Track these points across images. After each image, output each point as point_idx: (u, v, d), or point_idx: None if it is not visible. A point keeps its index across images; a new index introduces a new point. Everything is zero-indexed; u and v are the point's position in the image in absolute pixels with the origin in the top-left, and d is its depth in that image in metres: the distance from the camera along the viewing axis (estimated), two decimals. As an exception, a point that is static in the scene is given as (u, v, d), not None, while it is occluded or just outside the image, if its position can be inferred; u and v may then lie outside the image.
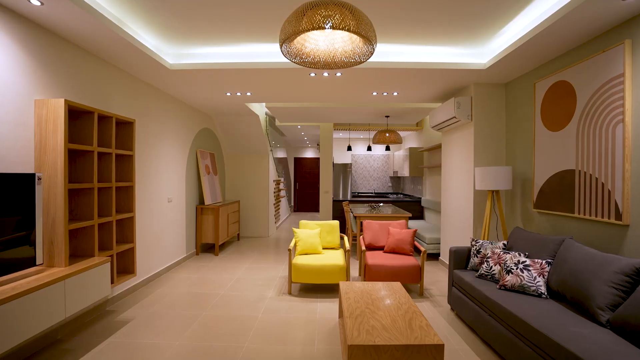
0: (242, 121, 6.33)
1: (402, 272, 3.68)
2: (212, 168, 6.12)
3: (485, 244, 3.15)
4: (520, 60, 3.25)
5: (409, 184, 8.78)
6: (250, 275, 4.46)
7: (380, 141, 6.31)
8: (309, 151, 12.22)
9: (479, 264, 3.12)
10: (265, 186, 7.22)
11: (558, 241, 2.64)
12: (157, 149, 4.28)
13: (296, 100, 5.04)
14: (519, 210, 3.73)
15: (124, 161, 3.32)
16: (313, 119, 6.86)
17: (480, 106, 4.04)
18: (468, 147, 4.18)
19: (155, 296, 3.63)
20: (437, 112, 4.65)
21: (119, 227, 3.34)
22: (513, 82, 3.84)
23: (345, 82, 4.04)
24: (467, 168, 4.19)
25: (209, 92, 4.53)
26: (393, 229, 4.20)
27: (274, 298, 3.63)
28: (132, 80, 3.72)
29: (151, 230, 4.15)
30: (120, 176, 3.32)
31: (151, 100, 4.13)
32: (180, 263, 4.97)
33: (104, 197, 3.05)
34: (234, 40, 3.28)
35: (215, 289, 3.89)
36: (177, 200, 4.88)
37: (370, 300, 2.59)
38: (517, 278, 2.56)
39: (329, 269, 3.67)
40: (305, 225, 4.39)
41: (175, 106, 4.78)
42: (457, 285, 3.14)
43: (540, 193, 3.29)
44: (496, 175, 3.50)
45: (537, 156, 3.34)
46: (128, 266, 3.36)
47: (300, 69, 3.56)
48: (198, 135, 5.65)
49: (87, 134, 2.79)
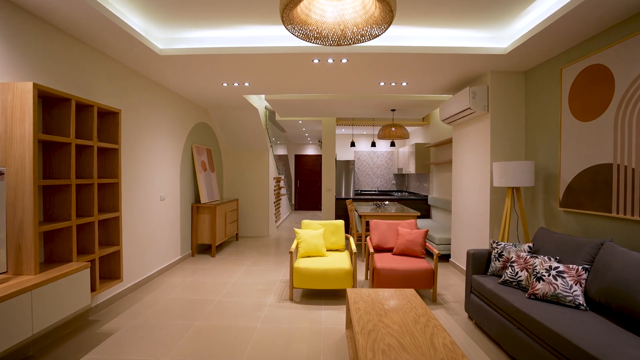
0: (241, 115, 6.02)
1: (414, 276, 3.37)
2: (209, 164, 5.81)
3: (508, 247, 2.84)
4: (546, 43, 2.93)
5: (414, 182, 8.47)
6: (248, 278, 4.16)
7: (386, 136, 5.99)
8: (311, 148, 11.91)
9: (501, 268, 2.81)
10: (265, 184, 6.92)
11: (595, 244, 2.33)
12: (148, 144, 3.97)
13: (297, 91, 4.72)
14: (540, 209, 3.42)
15: (108, 156, 3.01)
16: (315, 114, 6.54)
17: (497, 96, 3.72)
18: (483, 140, 3.87)
19: (145, 303, 3.33)
20: (449, 104, 4.34)
21: (103, 229, 3.03)
22: (534, 70, 3.52)
23: (351, 69, 3.72)
24: (483, 163, 3.88)
25: (204, 82, 4.22)
26: (402, 230, 3.89)
27: (274, 305, 3.33)
28: (117, 67, 3.41)
29: (141, 230, 3.84)
30: (104, 172, 3.01)
31: (140, 90, 3.82)
32: (174, 265, 4.67)
33: (85, 195, 2.74)
34: (230, 22, 2.96)
35: (210, 295, 3.59)
36: (170, 199, 4.57)
37: (382, 311, 2.29)
38: (550, 286, 2.25)
39: (333, 273, 3.37)
40: (307, 225, 4.08)
41: (167, 97, 4.46)
42: (477, 292, 2.84)
43: (568, 190, 2.97)
44: (517, 170, 3.19)
45: (564, 149, 3.03)
46: (113, 271, 3.06)
47: (302, 54, 3.24)
48: (194, 130, 5.34)
49: (64, 124, 2.48)
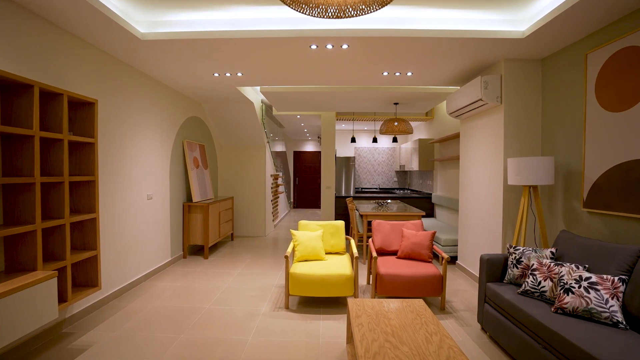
0: (235, 109, 5.71)
1: (421, 283, 3.09)
2: (202, 161, 5.51)
3: (527, 252, 2.55)
4: (570, 25, 2.62)
5: (417, 179, 8.18)
6: (242, 283, 3.88)
7: (389, 131, 5.69)
8: (309, 144, 11.60)
9: (520, 276, 2.52)
10: (261, 181, 6.62)
11: (632, 251, 2.04)
12: (133, 138, 3.67)
13: (294, 82, 4.41)
14: (559, 210, 3.13)
15: (83, 151, 2.71)
16: (313, 108, 6.23)
17: (512, 86, 3.41)
18: (496, 135, 3.57)
19: (126, 313, 3.04)
20: (457, 96, 4.03)
21: (78, 232, 2.74)
22: (553, 57, 3.22)
23: (352, 57, 3.41)
24: (495, 160, 3.58)
25: (194, 72, 3.90)
26: (407, 231, 3.60)
27: (268, 314, 3.04)
28: (95, 53, 3.10)
29: (125, 232, 3.55)
30: (79, 169, 2.72)
31: (122, 79, 3.51)
32: (164, 268, 4.38)
33: (55, 195, 2.45)
34: (219, 2, 2.65)
35: (200, 302, 3.30)
36: (159, 198, 4.28)
37: (389, 328, 2.00)
38: (581, 300, 1.96)
39: (333, 279, 3.08)
40: (305, 227, 3.79)
41: (154, 89, 4.15)
42: (493, 302, 2.55)
43: (593, 189, 2.68)
44: (536, 167, 2.89)
45: (588, 143, 2.74)
46: (90, 278, 2.77)
47: (298, 38, 2.93)
48: (185, 124, 5.03)
49: (25, 114, 2.18)
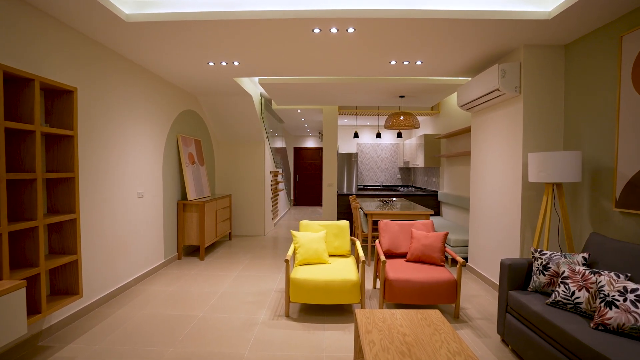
0: (233, 102, 5.43)
1: (434, 289, 2.83)
2: (198, 157, 5.24)
3: (555, 257, 2.28)
4: (603, 3, 2.34)
5: (422, 176, 7.90)
6: (239, 287, 3.62)
7: (394, 125, 5.41)
8: (310, 140, 11.32)
9: (547, 284, 2.26)
10: (260, 178, 6.35)
11: (685, 259, 1.78)
12: (121, 132, 3.39)
13: (294, 72, 4.13)
14: (586, 209, 2.86)
15: (61, 144, 2.45)
16: (315, 101, 5.95)
17: (532, 75, 3.13)
18: (513, 128, 3.29)
19: (111, 322, 2.78)
20: (469, 87, 3.75)
21: (56, 234, 2.48)
22: (580, 41, 2.93)
23: (359, 43, 3.13)
24: (511, 155, 3.31)
25: (186, 59, 3.62)
26: (417, 232, 3.34)
27: (266, 323, 2.79)
28: (74, 36, 2.81)
29: (113, 233, 3.29)
30: (57, 164, 2.45)
31: (108, 67, 3.23)
32: (156, 271, 4.13)
33: (27, 194, 2.18)
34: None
35: (193, 309, 3.05)
36: (151, 196, 4.01)
37: (405, 346, 1.74)
38: (628, 316, 1.70)
39: (338, 286, 2.82)
40: (307, 227, 3.52)
41: (145, 79, 3.88)
42: (517, 312, 2.29)
43: (628, 187, 2.41)
44: (561, 163, 2.62)
45: (622, 137, 2.46)
46: (70, 285, 2.51)
47: (299, 20, 2.65)
48: (179, 118, 4.76)
49: (-12, 101, 1.91)
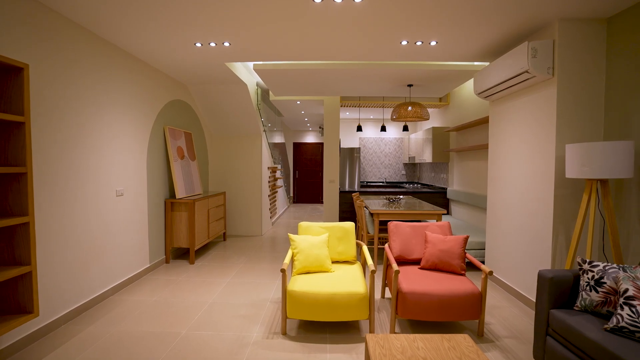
0: (227, 91, 4.99)
1: (455, 303, 2.41)
2: (188, 151, 4.82)
3: (611, 271, 1.87)
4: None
5: (428, 172, 7.48)
6: (231, 296, 3.22)
7: (401, 117, 4.97)
8: (311, 135, 10.88)
9: (602, 304, 1.85)
10: (257, 174, 5.93)
11: None
12: (95, 121, 2.97)
13: (293, 57, 3.69)
14: (635, 211, 2.44)
15: (10, 133, 2.02)
16: (315, 90, 5.51)
17: (568, 53, 2.70)
18: (544, 116, 2.87)
19: (78, 342, 2.38)
20: (490, 70, 3.32)
21: (4, 242, 2.06)
22: (626, 13, 2.50)
23: (367, 17, 2.69)
24: (541, 147, 2.88)
25: (170, 40, 3.18)
26: (433, 236, 2.92)
27: (259, 343, 2.38)
28: (36, 7, 2.38)
29: (85, 236, 2.87)
30: (3, 157, 2.03)
31: (76, 46, 2.80)
32: (140, 277, 3.72)
33: (-39, 192, 1.77)
34: None
35: (176, 325, 2.64)
36: (133, 194, 3.59)
37: (435, 394, 1.33)
38: None
39: (343, 300, 2.41)
40: (307, 229, 3.11)
41: (123, 62, 3.44)
42: (562, 337, 1.88)
43: (697, 184, 2.00)
44: (611, 155, 2.20)
45: (689, 123, 2.04)
46: (25, 302, 2.10)
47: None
48: (167, 108, 4.33)
49: None
